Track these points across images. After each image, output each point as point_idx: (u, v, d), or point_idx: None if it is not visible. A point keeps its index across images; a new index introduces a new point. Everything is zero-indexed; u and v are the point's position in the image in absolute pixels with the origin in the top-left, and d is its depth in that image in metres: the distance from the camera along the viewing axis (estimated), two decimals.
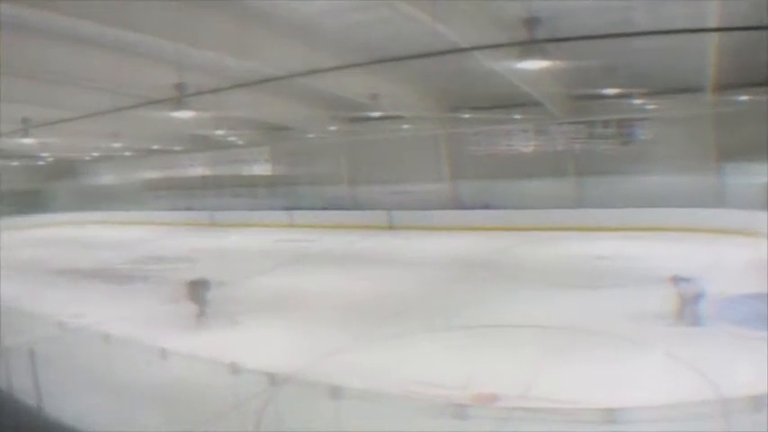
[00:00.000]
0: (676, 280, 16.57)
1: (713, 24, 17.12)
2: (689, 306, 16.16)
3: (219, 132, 42.93)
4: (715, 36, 18.96)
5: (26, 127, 30.83)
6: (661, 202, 31.16)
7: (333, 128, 40.68)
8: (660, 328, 16.00)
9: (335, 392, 9.66)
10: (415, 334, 17.27)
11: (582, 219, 33.16)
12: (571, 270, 24.78)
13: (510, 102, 33.13)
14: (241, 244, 38.28)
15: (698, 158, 30.80)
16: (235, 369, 10.98)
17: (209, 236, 41.81)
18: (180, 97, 22.39)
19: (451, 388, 12.36)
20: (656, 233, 29.32)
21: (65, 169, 61.12)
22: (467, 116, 36.28)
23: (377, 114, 36.15)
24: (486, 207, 37.54)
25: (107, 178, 62.36)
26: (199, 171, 53.72)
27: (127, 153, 54.62)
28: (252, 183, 49.74)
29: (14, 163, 54.85)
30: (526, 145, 36.86)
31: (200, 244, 38.55)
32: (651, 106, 31.74)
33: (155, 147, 51.30)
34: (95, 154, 55.84)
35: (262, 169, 49.26)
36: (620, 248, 27.09)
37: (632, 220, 31.36)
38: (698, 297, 16.11)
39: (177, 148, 51.54)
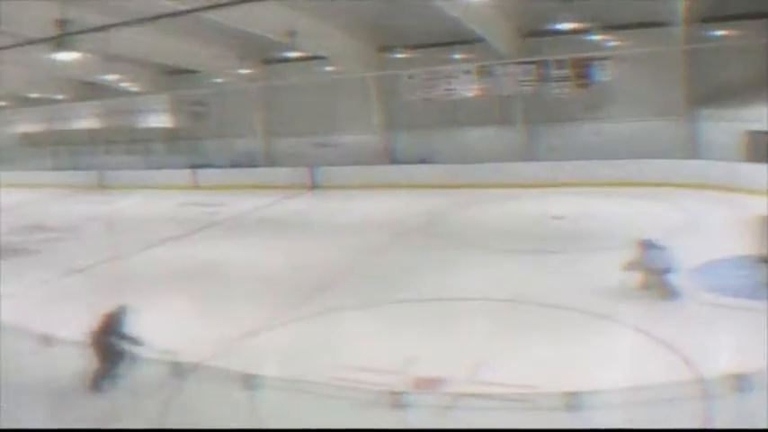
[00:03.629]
0: (646, 246, 16.42)
1: None
2: (658, 278, 16.10)
3: (110, 77, 42.15)
4: None
5: None
6: (625, 153, 31.57)
7: (244, 71, 40.33)
8: (628, 299, 16.10)
9: (250, 381, 9.54)
10: (343, 311, 17.26)
11: (534, 173, 33.49)
12: (523, 233, 24.96)
13: (450, 39, 33.16)
14: (136, 209, 37.81)
15: (668, 103, 31.25)
16: (131, 357, 10.79)
17: (98, 200, 41.25)
18: (62, 36, 21.71)
19: (388, 373, 12.31)
20: (620, 189, 29.77)
21: None
22: (400, 56, 36.14)
23: (295, 55, 35.79)
24: (424, 161, 37.70)
25: None
26: (86, 124, 52.44)
27: (0, 103, 53.21)
28: (148, 137, 48.87)
29: None
30: (469, 89, 36.82)
31: (87, 210, 37.95)
32: (612, 43, 32.00)
33: (33, 95, 50.30)
34: None
35: (160, 121, 48.20)
36: (578, 207, 27.44)
37: (592, 174, 31.74)
38: (667, 271, 16.00)
39: (60, 97, 50.39)
